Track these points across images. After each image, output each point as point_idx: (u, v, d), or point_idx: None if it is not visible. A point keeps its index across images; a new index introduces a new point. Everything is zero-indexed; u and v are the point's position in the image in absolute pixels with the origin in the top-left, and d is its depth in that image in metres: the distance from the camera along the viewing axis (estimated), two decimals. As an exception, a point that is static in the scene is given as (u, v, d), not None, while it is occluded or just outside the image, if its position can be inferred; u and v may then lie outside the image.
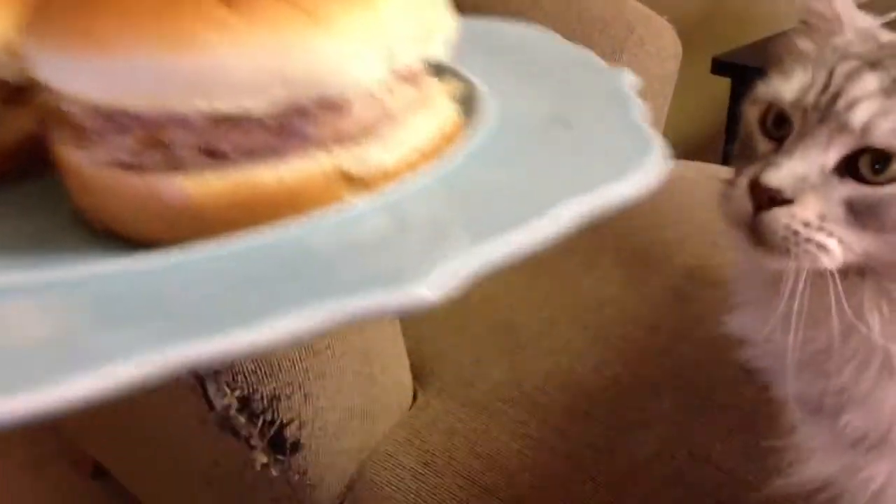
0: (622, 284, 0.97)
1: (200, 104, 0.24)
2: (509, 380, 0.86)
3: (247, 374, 0.74)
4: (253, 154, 0.25)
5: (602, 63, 0.35)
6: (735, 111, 1.48)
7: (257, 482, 0.83)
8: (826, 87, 0.41)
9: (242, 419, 0.77)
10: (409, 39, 0.27)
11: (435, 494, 0.77)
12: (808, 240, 0.40)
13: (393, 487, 0.80)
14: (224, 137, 0.25)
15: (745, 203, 0.41)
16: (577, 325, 0.92)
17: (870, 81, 0.40)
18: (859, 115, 0.40)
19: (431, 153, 0.28)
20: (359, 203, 0.26)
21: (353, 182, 0.26)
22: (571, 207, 0.25)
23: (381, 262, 0.24)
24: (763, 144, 0.44)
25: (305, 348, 0.74)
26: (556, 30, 1.46)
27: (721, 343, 0.73)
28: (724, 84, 1.43)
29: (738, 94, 1.46)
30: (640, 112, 0.31)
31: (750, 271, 0.50)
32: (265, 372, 0.74)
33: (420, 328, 0.92)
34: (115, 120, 0.24)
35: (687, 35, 1.42)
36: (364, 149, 0.27)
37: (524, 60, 0.35)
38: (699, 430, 0.77)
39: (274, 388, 0.75)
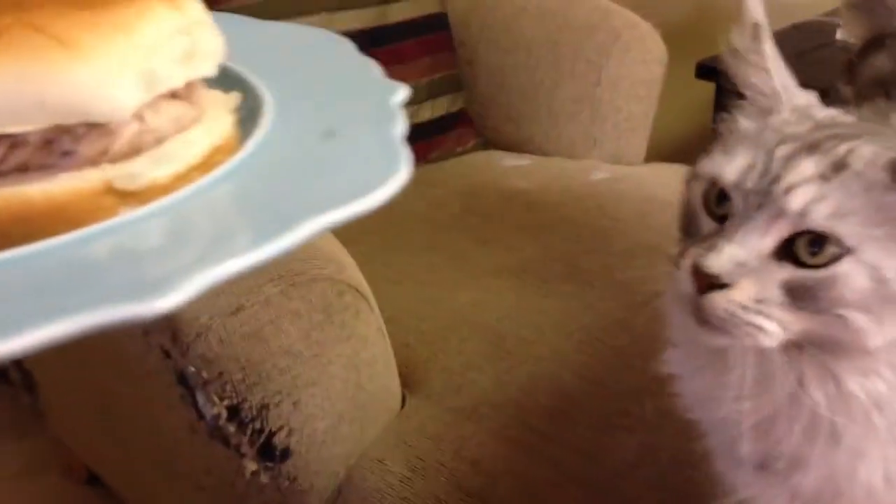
0: (607, 287, 0.99)
1: None
2: (496, 386, 0.87)
3: (235, 384, 0.75)
4: (24, 169, 0.27)
5: (380, 76, 0.37)
6: (720, 114, 1.50)
7: (248, 489, 0.84)
8: (766, 170, 0.43)
9: (232, 428, 0.78)
10: (173, 60, 0.29)
11: (422, 499, 0.79)
12: (747, 322, 0.41)
13: (381, 493, 0.81)
14: None
15: (688, 285, 0.43)
16: (562, 332, 0.93)
17: (807, 166, 0.42)
18: (797, 201, 0.41)
19: (206, 166, 0.30)
20: (124, 215, 0.27)
21: (126, 197, 0.28)
22: (315, 222, 0.26)
23: (131, 273, 0.26)
24: (706, 223, 0.46)
25: (292, 356, 0.75)
26: (544, 36, 1.47)
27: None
28: (708, 88, 1.44)
29: (723, 97, 1.47)
30: (402, 128, 0.33)
31: (694, 342, 0.51)
32: (254, 381, 0.76)
33: (408, 336, 0.94)
34: None
35: (672, 40, 1.43)
36: (133, 165, 0.29)
37: (310, 68, 0.37)
38: (681, 434, 0.79)
39: (263, 397, 0.76)
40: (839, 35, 1.49)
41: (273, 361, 0.75)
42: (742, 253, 0.42)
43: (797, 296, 0.41)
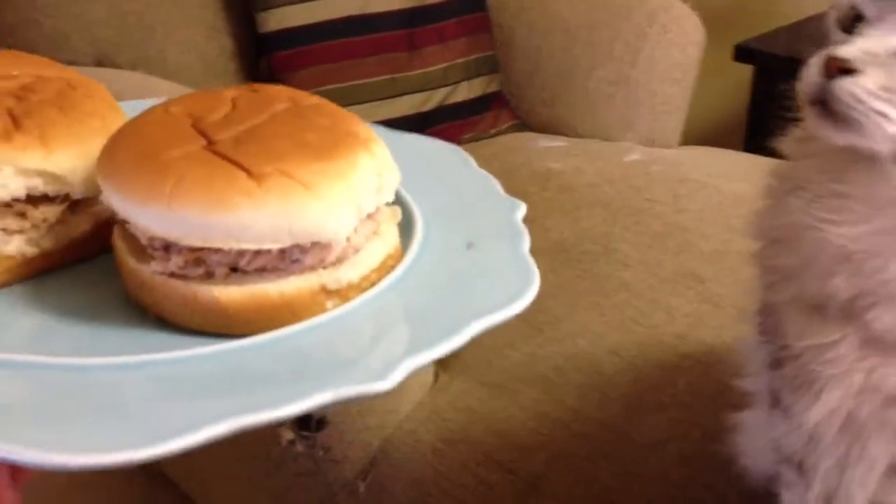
0: (639, 269, 0.99)
1: (232, 245, 0.35)
2: (527, 361, 0.88)
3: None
4: (263, 272, 0.36)
5: (501, 190, 0.45)
6: (757, 98, 1.49)
7: (283, 458, 0.86)
8: None
9: (270, 396, 0.80)
10: (371, 193, 0.38)
11: (454, 470, 0.80)
12: (873, 108, 0.43)
13: (414, 463, 0.83)
14: (245, 261, 0.36)
15: (817, 74, 0.45)
16: (594, 309, 0.94)
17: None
18: None
19: (382, 269, 0.39)
20: (334, 310, 0.37)
21: (331, 294, 0.37)
22: (476, 327, 0.35)
23: (346, 356, 0.35)
24: (840, 37, 0.47)
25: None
26: (581, 17, 1.47)
27: (736, 327, 0.75)
28: (746, 71, 1.43)
29: (761, 80, 1.46)
30: (528, 243, 0.41)
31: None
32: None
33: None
34: (170, 245, 0.35)
35: (710, 22, 1.42)
36: (339, 271, 0.37)
37: (440, 179, 0.46)
38: (712, 411, 0.79)
39: (300, 367, 0.78)
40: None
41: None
42: (872, 45, 0.43)
43: None
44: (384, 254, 0.39)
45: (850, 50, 0.43)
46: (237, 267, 0.36)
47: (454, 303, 0.37)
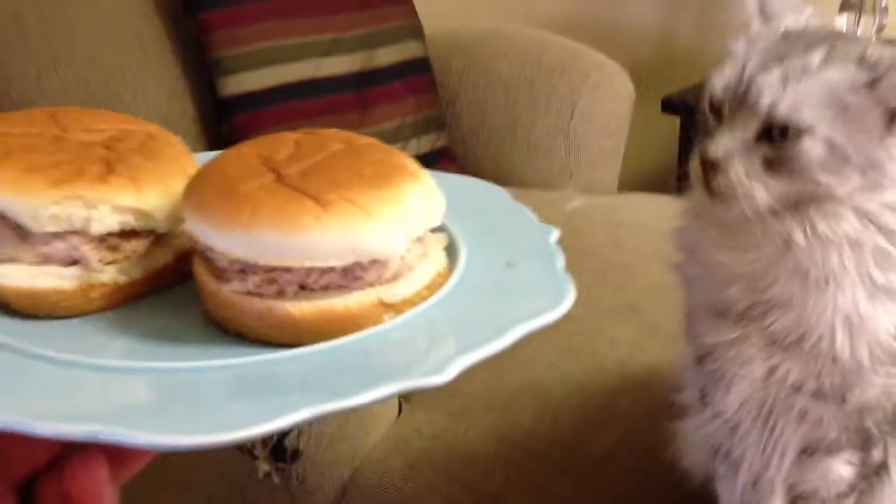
0: (584, 304, 1.07)
1: (303, 263, 0.40)
2: (485, 390, 0.95)
3: (251, 389, 0.83)
4: (328, 289, 0.41)
5: (535, 217, 0.51)
6: (685, 147, 1.60)
7: (259, 494, 0.91)
8: (741, 80, 0.56)
9: (247, 430, 0.85)
10: (421, 217, 0.43)
11: (421, 491, 0.86)
12: (741, 192, 0.54)
13: (383, 489, 0.88)
14: (312, 279, 0.41)
15: (698, 174, 0.56)
16: (544, 340, 1.01)
17: (773, 74, 0.55)
18: (763, 101, 0.54)
19: (431, 287, 0.44)
20: (390, 321, 0.42)
21: (388, 307, 0.42)
22: (519, 330, 0.40)
23: (404, 358, 0.40)
24: (712, 123, 0.58)
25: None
26: (520, 76, 1.57)
27: (672, 351, 0.83)
28: (673, 122, 1.55)
29: (687, 131, 1.58)
30: (563, 262, 0.46)
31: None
32: (267, 386, 0.83)
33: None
34: (247, 267, 0.41)
35: (638, 78, 1.54)
36: (395, 287, 0.42)
37: (484, 215, 0.52)
38: (653, 426, 0.87)
39: (275, 401, 0.83)
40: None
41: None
42: (730, 142, 0.55)
43: (776, 168, 0.54)
44: (433, 272, 0.44)
45: (714, 151, 0.55)
46: (305, 285, 0.41)
47: (499, 311, 0.41)
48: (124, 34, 1.28)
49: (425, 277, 0.44)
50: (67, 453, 0.38)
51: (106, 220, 0.42)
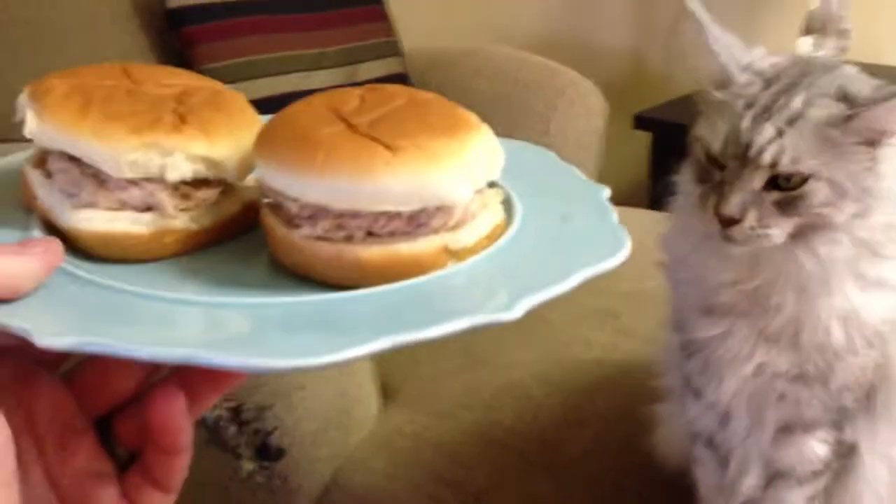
0: (561, 309, 1.10)
1: (373, 208, 0.41)
2: (466, 390, 0.97)
3: (237, 387, 0.84)
4: (394, 235, 0.42)
5: (585, 177, 0.52)
6: (656, 162, 1.64)
7: (242, 492, 0.92)
8: (739, 139, 0.59)
9: (232, 429, 0.86)
10: (483, 167, 0.44)
11: (406, 490, 0.88)
12: (758, 236, 0.59)
13: (366, 488, 0.90)
14: (380, 224, 0.42)
15: (714, 224, 0.60)
16: (523, 344, 1.04)
17: (767, 130, 0.58)
18: (766, 158, 0.58)
19: (490, 238, 0.45)
20: (453, 266, 0.42)
21: (451, 254, 0.43)
22: (582, 274, 0.40)
23: (470, 298, 0.41)
24: (715, 173, 0.62)
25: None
26: (497, 92, 1.61)
27: (645, 352, 0.86)
28: (645, 138, 1.59)
29: (659, 146, 1.62)
30: (616, 216, 0.47)
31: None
32: (252, 384, 0.85)
33: (384, 353, 1.03)
34: (317, 213, 0.42)
35: (611, 95, 1.58)
36: (458, 234, 0.43)
37: (538, 174, 0.53)
38: (629, 425, 0.89)
39: (261, 399, 0.85)
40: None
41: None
42: (742, 197, 0.59)
43: (786, 208, 0.59)
44: (493, 224, 0.45)
45: (729, 208, 0.59)
46: (373, 230, 0.42)
47: (559, 258, 0.42)
48: (110, 51, 1.30)
49: (485, 228, 0.44)
50: (145, 390, 0.40)
51: (180, 167, 0.43)
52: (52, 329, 0.34)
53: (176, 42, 1.31)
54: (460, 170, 0.42)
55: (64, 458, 0.40)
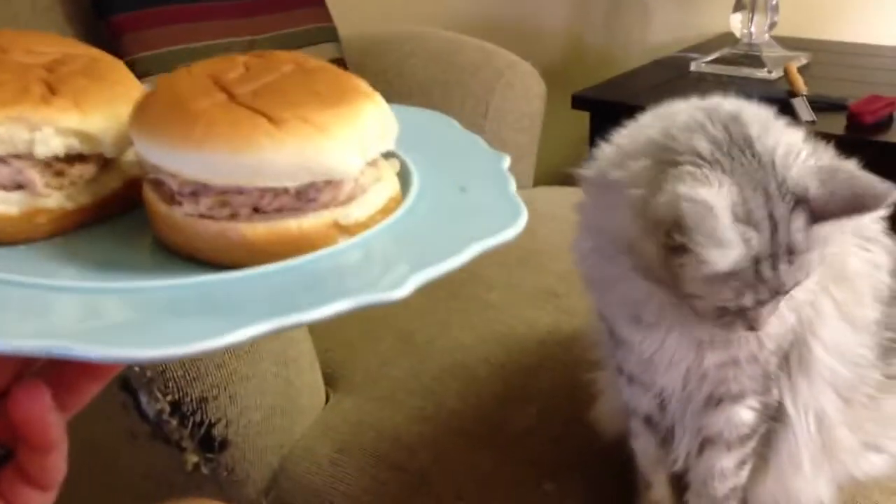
0: (504, 289, 1.11)
1: (256, 183, 0.39)
2: (410, 376, 0.97)
3: (177, 380, 0.83)
4: (282, 211, 0.40)
5: (487, 146, 0.51)
6: (595, 141, 1.66)
7: (188, 485, 0.91)
8: (765, 289, 0.57)
9: (174, 422, 0.86)
10: (375, 138, 0.43)
11: (350, 475, 0.88)
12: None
13: (313, 475, 0.90)
14: (266, 201, 0.40)
15: (747, 333, 0.62)
16: (466, 326, 1.05)
17: (784, 269, 0.56)
18: (790, 285, 0.58)
19: (385, 211, 0.43)
20: (344, 242, 0.41)
21: (342, 229, 0.41)
22: (477, 247, 0.39)
23: (361, 275, 0.40)
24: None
25: (229, 352, 0.84)
26: (434, 77, 1.61)
27: (586, 329, 0.87)
28: (584, 117, 1.60)
29: (597, 125, 1.63)
30: (514, 186, 0.46)
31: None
32: (193, 376, 0.84)
33: (328, 342, 1.03)
34: (198, 189, 0.40)
35: (549, 76, 1.59)
36: (349, 208, 0.41)
37: (435, 142, 0.51)
38: (572, 400, 0.91)
39: (202, 391, 0.84)
40: (693, 67, 1.69)
41: (210, 357, 0.84)
42: (768, 315, 0.60)
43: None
44: (387, 197, 0.43)
45: (764, 325, 0.60)
46: (259, 207, 0.40)
47: (454, 231, 0.40)
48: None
49: (379, 201, 0.43)
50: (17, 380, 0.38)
51: (50, 142, 0.40)
52: None
53: (105, 32, 1.28)
54: (349, 141, 0.40)
55: None
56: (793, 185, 0.56)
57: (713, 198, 0.54)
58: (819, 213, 0.56)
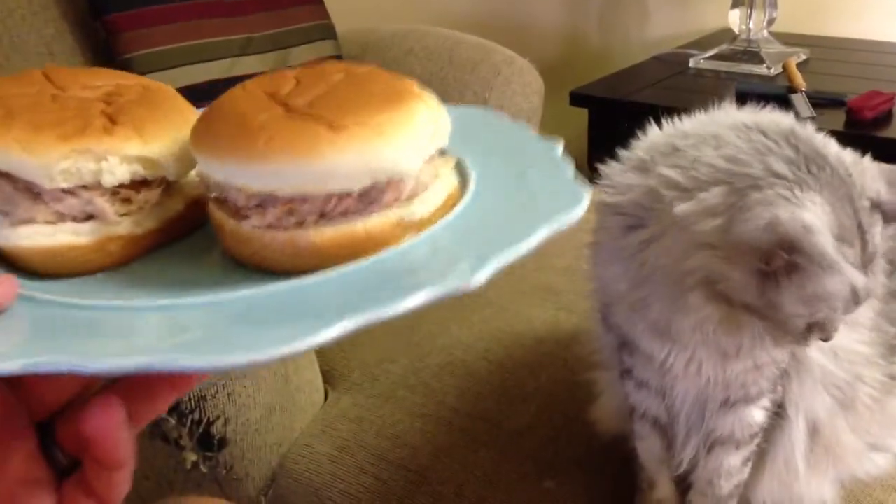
0: (502, 286, 1.11)
1: (321, 189, 0.40)
2: (409, 373, 0.97)
3: (175, 378, 0.83)
4: (347, 214, 0.41)
5: (537, 134, 0.51)
6: (593, 137, 1.66)
7: (187, 484, 0.91)
8: (857, 300, 0.56)
9: (172, 421, 0.85)
10: (429, 137, 0.43)
11: (350, 473, 0.88)
12: None
13: (312, 473, 0.90)
14: (331, 206, 0.41)
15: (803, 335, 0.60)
16: (465, 323, 1.04)
17: (877, 224, 0.57)
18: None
19: (444, 207, 0.44)
20: (409, 240, 0.42)
21: (407, 227, 0.42)
22: (545, 229, 0.39)
23: (432, 268, 0.40)
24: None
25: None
26: (432, 73, 1.61)
27: (585, 327, 0.87)
28: (582, 114, 1.60)
29: (595, 122, 1.63)
30: (572, 170, 0.46)
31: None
32: (191, 375, 0.84)
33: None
34: (265, 201, 0.41)
35: (547, 73, 1.59)
36: (412, 206, 0.42)
37: (489, 135, 0.52)
38: (571, 398, 0.91)
39: (200, 389, 0.84)
40: (691, 64, 1.69)
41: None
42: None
43: None
44: (446, 193, 0.44)
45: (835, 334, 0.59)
46: (324, 212, 0.41)
47: (519, 218, 0.40)
48: (33, 43, 1.26)
49: (439, 198, 0.44)
50: (86, 395, 0.38)
51: (116, 170, 0.42)
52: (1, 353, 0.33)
53: (101, 31, 1.28)
54: (407, 141, 0.41)
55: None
56: (868, 191, 0.57)
57: (814, 219, 0.53)
58: (892, 214, 0.57)
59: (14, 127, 0.42)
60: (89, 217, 0.43)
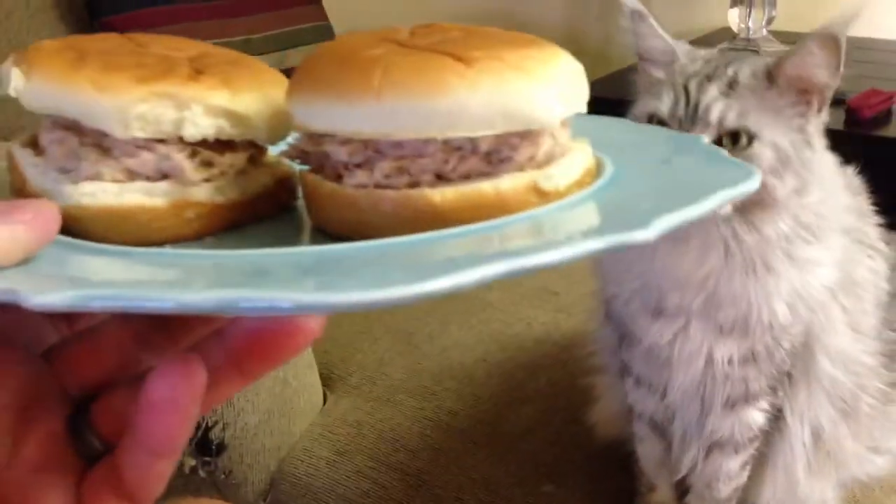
0: (501, 288, 1.10)
1: (447, 133, 0.33)
2: (408, 376, 0.97)
3: (173, 383, 0.83)
4: (469, 177, 0.34)
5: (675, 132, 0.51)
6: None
7: (185, 490, 0.91)
8: (687, 100, 0.61)
9: (171, 426, 0.85)
10: (573, 91, 0.36)
11: (349, 477, 0.88)
12: None
13: (311, 477, 0.89)
14: (451, 165, 0.34)
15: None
16: (464, 326, 1.04)
17: (712, 89, 0.60)
18: (713, 115, 0.60)
19: (580, 184, 0.36)
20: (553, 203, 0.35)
21: (543, 195, 0.35)
22: (724, 194, 0.32)
23: (596, 219, 0.33)
24: None
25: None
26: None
27: (584, 328, 0.87)
28: (582, 114, 1.60)
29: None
30: (724, 153, 0.40)
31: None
32: (189, 380, 0.83)
33: (325, 343, 1.03)
34: (372, 156, 0.34)
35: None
36: (550, 170, 0.35)
37: (622, 131, 0.47)
38: (570, 400, 0.91)
39: (198, 394, 0.84)
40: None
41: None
42: None
43: None
44: (584, 167, 0.37)
45: None
46: (442, 174, 0.34)
47: (683, 185, 0.34)
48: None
49: (578, 170, 0.36)
50: (133, 374, 0.33)
51: (200, 121, 0.36)
52: (45, 286, 0.27)
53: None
54: (549, 83, 0.34)
55: (14, 445, 0.32)
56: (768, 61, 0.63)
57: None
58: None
59: (86, 66, 0.36)
60: (164, 177, 0.36)
